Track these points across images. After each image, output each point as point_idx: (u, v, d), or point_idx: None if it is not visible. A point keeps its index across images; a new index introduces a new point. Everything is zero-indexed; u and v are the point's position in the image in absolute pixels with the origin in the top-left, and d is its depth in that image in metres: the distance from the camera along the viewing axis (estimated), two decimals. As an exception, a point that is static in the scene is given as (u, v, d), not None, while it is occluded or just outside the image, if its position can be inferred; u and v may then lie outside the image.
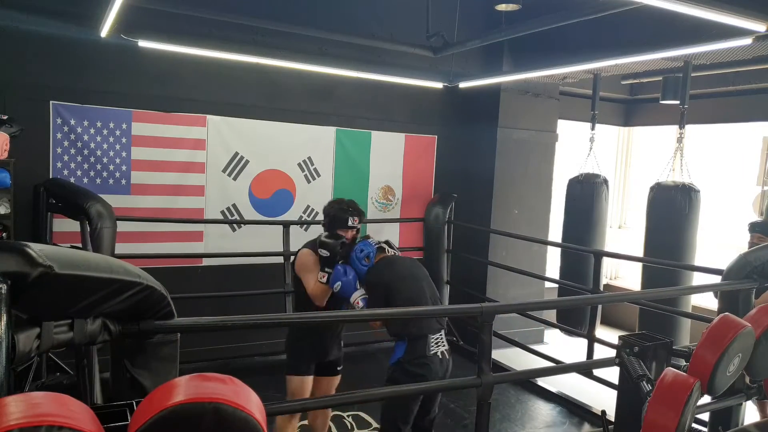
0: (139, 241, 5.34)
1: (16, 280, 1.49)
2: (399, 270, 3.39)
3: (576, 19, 4.02)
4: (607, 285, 8.10)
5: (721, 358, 2.24)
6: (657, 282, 5.21)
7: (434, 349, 3.19)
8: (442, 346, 3.24)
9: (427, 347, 3.17)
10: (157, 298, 1.81)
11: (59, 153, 5.06)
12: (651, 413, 2.06)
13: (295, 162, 6.11)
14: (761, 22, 3.17)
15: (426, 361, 3.15)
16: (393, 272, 3.37)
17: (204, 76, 5.50)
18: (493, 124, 6.58)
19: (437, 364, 3.18)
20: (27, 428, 1.08)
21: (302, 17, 5.43)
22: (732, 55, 4.81)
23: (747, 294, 3.30)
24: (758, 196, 6.18)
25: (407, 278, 3.36)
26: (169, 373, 1.88)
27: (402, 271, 3.39)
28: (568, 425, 4.95)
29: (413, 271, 3.44)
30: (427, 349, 3.16)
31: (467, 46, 5.13)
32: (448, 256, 6.68)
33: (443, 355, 3.23)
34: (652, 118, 7.96)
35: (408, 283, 3.34)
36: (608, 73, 6.16)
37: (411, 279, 3.37)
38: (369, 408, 4.63)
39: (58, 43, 4.89)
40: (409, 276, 3.38)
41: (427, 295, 3.37)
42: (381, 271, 3.38)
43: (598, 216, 6.08)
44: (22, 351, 1.56)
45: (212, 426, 1.23)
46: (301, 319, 3.33)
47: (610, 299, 7.16)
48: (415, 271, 3.45)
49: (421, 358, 3.15)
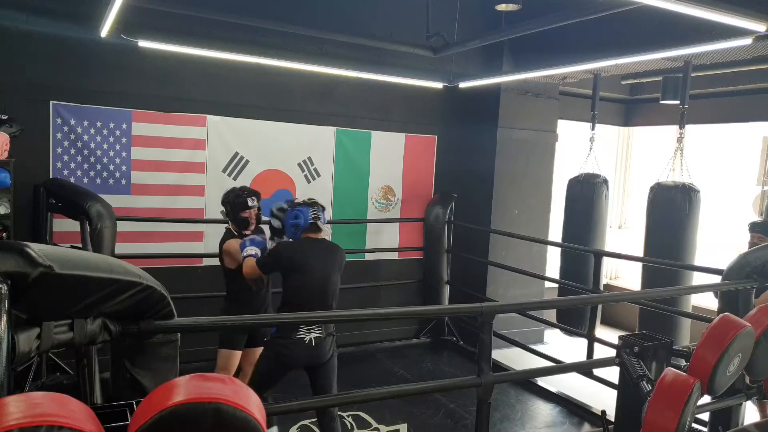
0: (139, 241, 5.34)
1: (16, 280, 1.49)
2: (310, 260, 3.52)
3: (576, 19, 4.02)
4: (607, 285, 8.11)
5: (721, 358, 2.24)
6: (657, 282, 5.21)
7: (303, 334, 3.43)
8: (314, 333, 3.45)
9: (296, 332, 3.41)
10: (157, 298, 1.81)
11: (59, 153, 5.06)
12: (651, 413, 2.06)
13: (295, 162, 6.11)
14: (761, 22, 3.17)
15: (289, 343, 3.43)
16: (303, 258, 3.52)
17: (204, 76, 5.50)
18: (493, 124, 6.58)
19: (301, 347, 3.43)
20: (27, 428, 1.08)
21: (302, 17, 5.43)
22: (732, 55, 4.81)
23: (747, 294, 3.30)
24: (758, 196, 6.18)
25: (315, 271, 3.51)
26: (169, 373, 1.88)
27: (312, 263, 3.52)
28: (568, 425, 4.95)
29: (324, 267, 3.56)
30: (295, 333, 3.41)
31: (467, 46, 5.13)
32: (448, 256, 6.68)
33: (314, 341, 3.45)
34: (652, 118, 7.96)
35: (312, 275, 3.50)
36: (608, 73, 6.16)
37: (317, 273, 3.52)
38: (369, 408, 4.64)
39: (58, 43, 4.89)
40: (317, 270, 3.52)
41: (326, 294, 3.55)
42: (294, 251, 3.56)
43: (598, 216, 6.08)
44: (22, 351, 1.56)
45: (212, 426, 1.23)
46: (301, 319, 3.35)
47: (610, 299, 7.17)
48: (326, 267, 3.57)
49: (286, 339, 3.43)
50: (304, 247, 3.58)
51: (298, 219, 3.59)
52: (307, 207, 3.62)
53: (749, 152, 6.70)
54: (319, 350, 3.49)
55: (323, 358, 3.52)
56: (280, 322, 3.46)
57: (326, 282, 3.57)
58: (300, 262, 3.50)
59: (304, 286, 3.50)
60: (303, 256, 3.53)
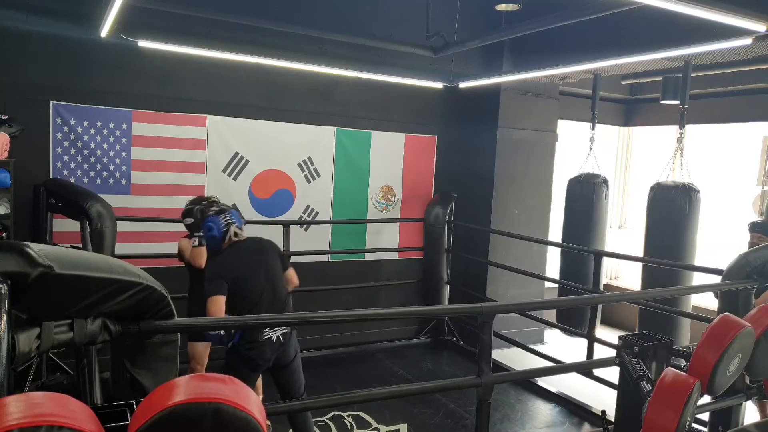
0: (139, 241, 5.34)
1: (16, 280, 1.49)
2: (250, 271, 3.45)
3: (576, 19, 4.02)
4: (607, 285, 8.10)
5: (721, 358, 2.24)
6: (657, 282, 5.21)
7: (269, 334, 3.40)
8: (279, 331, 3.43)
9: (261, 334, 3.37)
10: (157, 298, 1.81)
11: (59, 153, 5.06)
12: (651, 413, 2.06)
13: (295, 162, 6.11)
14: (761, 22, 3.17)
15: (256, 345, 3.38)
16: (243, 273, 3.43)
17: (204, 76, 5.50)
18: (493, 124, 6.58)
19: (269, 347, 3.40)
20: (27, 428, 1.08)
21: (302, 17, 5.43)
22: (732, 55, 4.81)
23: (747, 294, 3.30)
24: (758, 196, 6.18)
25: (260, 276, 3.47)
26: (169, 373, 1.88)
27: (254, 271, 3.46)
28: (568, 425, 4.95)
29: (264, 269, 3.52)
30: (260, 336, 3.37)
31: (467, 46, 5.13)
32: (448, 256, 6.68)
33: (280, 338, 3.43)
34: (652, 118, 7.96)
35: (257, 280, 3.45)
36: (608, 73, 6.16)
37: (261, 276, 3.47)
38: (369, 408, 4.64)
39: (58, 43, 4.89)
40: (261, 274, 3.48)
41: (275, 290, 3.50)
42: (233, 270, 3.42)
43: (598, 216, 6.08)
44: (22, 351, 1.56)
45: (212, 426, 1.23)
46: (301, 319, 3.35)
47: (610, 299, 7.17)
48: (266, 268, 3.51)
49: (253, 342, 3.38)
50: (238, 259, 3.48)
51: (212, 231, 3.51)
52: (217, 216, 3.54)
53: (749, 152, 6.69)
54: (286, 347, 3.47)
55: (290, 356, 3.52)
56: (284, 321, 3.42)
57: (271, 282, 3.51)
58: (241, 276, 3.41)
59: (252, 296, 3.44)
60: (240, 270, 3.43)
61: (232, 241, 3.52)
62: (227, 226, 3.50)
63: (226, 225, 3.50)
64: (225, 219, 3.52)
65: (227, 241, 3.52)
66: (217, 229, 3.49)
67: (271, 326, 3.41)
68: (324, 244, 6.30)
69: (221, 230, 3.50)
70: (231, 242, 3.52)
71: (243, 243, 3.55)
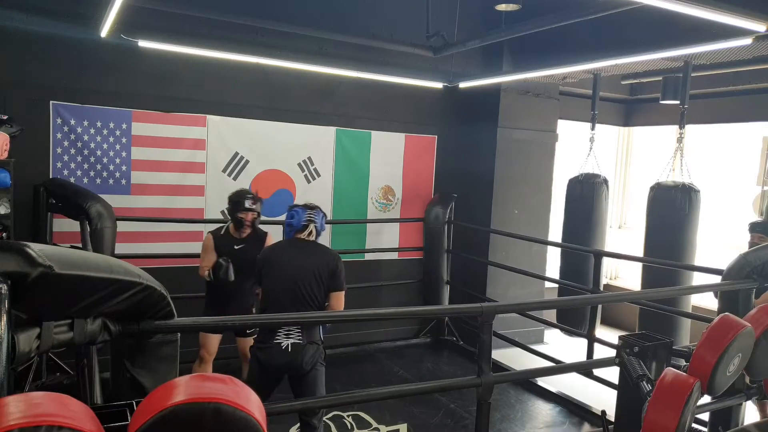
0: (139, 241, 5.34)
1: (16, 280, 1.49)
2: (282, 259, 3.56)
3: (576, 19, 4.02)
4: (607, 285, 8.10)
5: (721, 358, 2.24)
6: (657, 282, 5.21)
7: (280, 339, 3.40)
8: (292, 339, 3.41)
9: (273, 336, 3.41)
10: (157, 298, 1.81)
11: (59, 153, 5.06)
12: (651, 413, 2.06)
13: (295, 162, 6.11)
14: (761, 22, 3.17)
15: (266, 347, 3.41)
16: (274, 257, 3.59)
17: (204, 76, 5.50)
18: (493, 124, 6.58)
19: (277, 352, 3.39)
20: (27, 428, 1.08)
21: (302, 17, 5.42)
22: (732, 55, 4.81)
23: (747, 294, 3.30)
24: (758, 196, 6.18)
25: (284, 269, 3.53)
26: (169, 373, 1.88)
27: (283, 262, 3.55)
28: (568, 425, 4.95)
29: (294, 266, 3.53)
30: (272, 338, 3.41)
31: (467, 46, 5.13)
32: (448, 256, 6.68)
33: (290, 347, 3.40)
34: (652, 118, 7.96)
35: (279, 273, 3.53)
36: (608, 73, 6.16)
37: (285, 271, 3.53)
38: (369, 408, 4.64)
39: (58, 43, 4.89)
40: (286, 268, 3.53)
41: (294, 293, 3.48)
42: (271, 251, 3.70)
43: (598, 216, 6.08)
44: (22, 351, 1.56)
45: (212, 426, 1.23)
46: (302, 319, 3.35)
47: (610, 299, 7.16)
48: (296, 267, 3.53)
49: (264, 343, 3.43)
50: (282, 246, 3.68)
51: (292, 219, 3.66)
52: (304, 210, 3.68)
53: (749, 152, 6.69)
54: (296, 357, 3.36)
55: (302, 367, 3.39)
56: (284, 321, 3.41)
57: (295, 281, 3.47)
58: (270, 261, 3.56)
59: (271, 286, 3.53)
60: (275, 256, 3.60)
61: (297, 237, 3.64)
62: (307, 221, 3.64)
63: (307, 220, 3.64)
64: (308, 216, 3.65)
65: (297, 234, 3.64)
66: (297, 220, 3.63)
67: (285, 332, 3.40)
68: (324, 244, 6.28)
69: (300, 222, 3.62)
70: (294, 238, 3.65)
71: (299, 242, 3.64)
